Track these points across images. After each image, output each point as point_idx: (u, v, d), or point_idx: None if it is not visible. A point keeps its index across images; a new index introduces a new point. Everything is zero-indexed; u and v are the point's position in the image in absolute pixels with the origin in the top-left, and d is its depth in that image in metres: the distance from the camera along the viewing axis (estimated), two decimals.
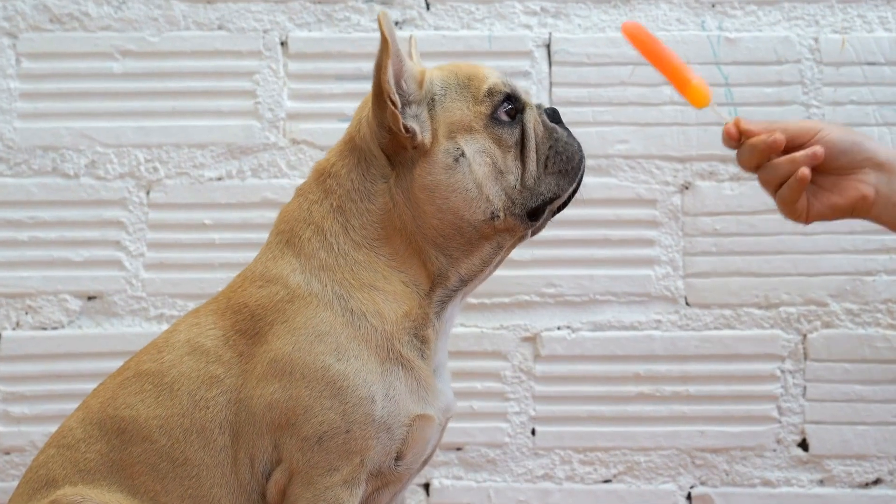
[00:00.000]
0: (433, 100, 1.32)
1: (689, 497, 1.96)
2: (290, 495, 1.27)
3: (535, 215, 1.33)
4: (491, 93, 1.33)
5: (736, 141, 1.42)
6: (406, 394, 1.29)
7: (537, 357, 1.97)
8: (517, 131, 1.33)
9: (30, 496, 1.32)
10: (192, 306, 1.83)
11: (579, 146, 1.36)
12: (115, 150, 2.00)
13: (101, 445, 1.31)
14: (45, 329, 1.98)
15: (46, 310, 1.98)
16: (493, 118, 1.32)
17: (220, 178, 2.00)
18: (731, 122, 1.42)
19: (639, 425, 1.96)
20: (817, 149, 1.38)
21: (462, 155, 1.30)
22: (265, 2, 2.03)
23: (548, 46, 2.02)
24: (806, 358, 1.96)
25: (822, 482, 1.95)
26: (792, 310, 1.97)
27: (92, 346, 1.97)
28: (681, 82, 1.43)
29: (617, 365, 1.97)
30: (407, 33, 2.01)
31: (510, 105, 1.33)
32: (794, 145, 1.40)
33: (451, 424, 1.45)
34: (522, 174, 1.32)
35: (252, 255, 1.40)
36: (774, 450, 1.96)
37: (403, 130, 1.29)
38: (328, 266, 1.31)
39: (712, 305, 1.98)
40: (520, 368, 1.97)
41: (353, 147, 1.35)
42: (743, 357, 1.96)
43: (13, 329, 1.98)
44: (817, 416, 1.95)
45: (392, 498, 1.37)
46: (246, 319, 1.31)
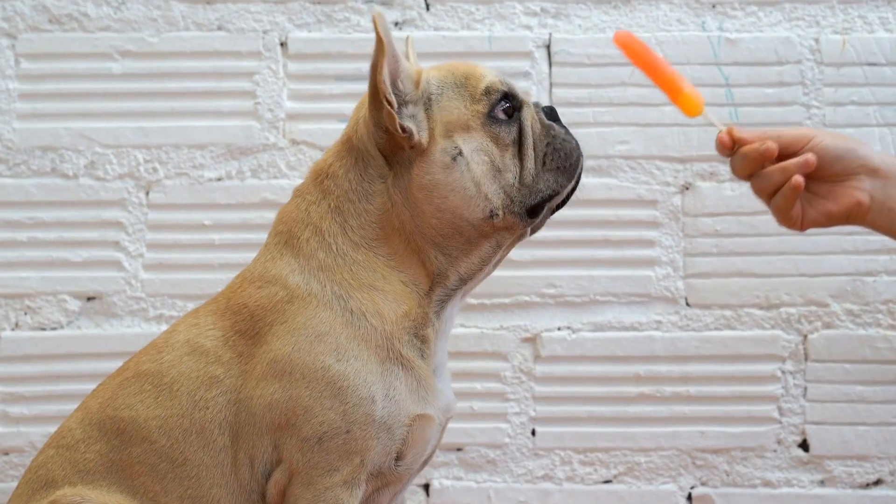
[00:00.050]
0: (430, 99, 1.32)
1: (689, 498, 1.96)
2: (289, 496, 1.27)
3: (534, 212, 1.33)
4: (488, 91, 1.32)
5: (729, 149, 1.42)
6: (406, 394, 1.29)
7: (537, 358, 1.97)
8: (514, 129, 1.33)
9: (29, 496, 1.32)
10: (191, 307, 1.83)
11: (577, 143, 1.36)
12: (114, 151, 2.00)
13: (101, 446, 1.31)
14: (44, 329, 1.98)
15: (45, 310, 1.98)
16: (491, 116, 1.32)
17: (219, 179, 2.00)
18: (725, 130, 1.42)
19: (639, 426, 1.96)
20: (809, 156, 1.38)
21: (460, 154, 1.30)
22: (265, 2, 2.02)
23: (548, 47, 2.02)
24: (807, 358, 1.96)
25: (822, 483, 1.95)
26: (792, 310, 1.96)
27: (91, 346, 1.97)
28: (673, 91, 1.43)
29: (617, 365, 1.97)
30: (407, 34, 2.00)
31: (507, 103, 1.33)
32: (788, 153, 1.40)
33: (451, 425, 1.44)
34: (521, 172, 1.32)
35: (252, 256, 1.39)
36: (775, 450, 1.95)
37: (400, 130, 1.29)
38: (327, 266, 1.31)
39: (713, 306, 1.97)
40: (520, 369, 1.97)
41: (350, 147, 1.35)
42: (743, 358, 1.96)
43: (12, 329, 1.97)
44: (818, 416, 1.95)
45: (392, 498, 1.37)
46: (245, 320, 1.31)
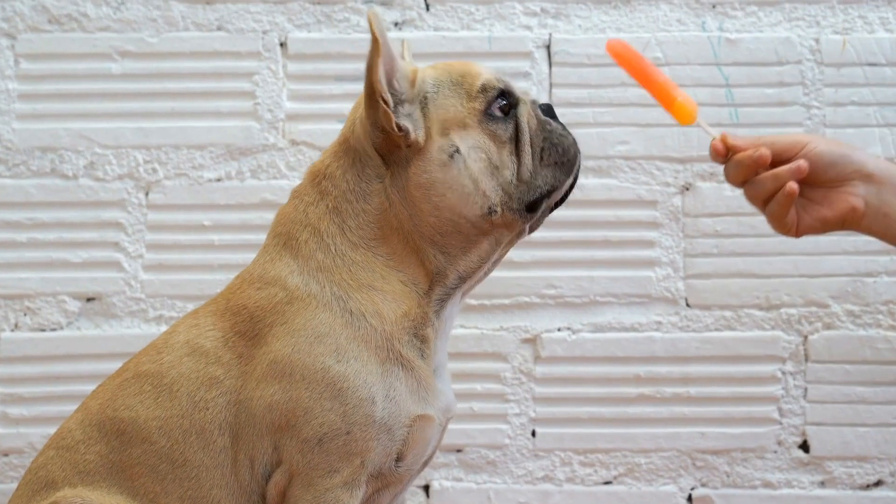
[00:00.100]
0: (426, 98, 1.32)
1: (689, 499, 1.95)
2: (290, 497, 1.26)
3: (533, 208, 1.33)
4: (484, 89, 1.32)
5: (723, 156, 1.41)
6: (406, 394, 1.29)
7: (537, 358, 1.97)
8: (511, 126, 1.33)
9: (29, 498, 1.32)
10: (191, 308, 1.83)
11: (574, 140, 1.36)
12: (113, 152, 2.00)
13: (101, 447, 1.31)
14: (43, 330, 1.98)
15: (45, 311, 1.97)
16: (487, 114, 1.32)
17: (219, 180, 2.00)
18: (718, 137, 1.42)
19: (639, 427, 1.96)
20: (801, 163, 1.37)
21: (457, 151, 1.30)
22: (264, 3, 2.02)
23: (548, 47, 2.01)
24: (807, 359, 1.96)
25: (822, 484, 1.95)
26: (793, 311, 1.96)
27: (91, 347, 1.97)
28: (666, 100, 1.43)
29: (617, 366, 1.97)
30: (407, 34, 2.00)
31: (504, 101, 1.33)
32: (781, 159, 1.39)
33: (451, 426, 1.44)
34: (518, 168, 1.32)
35: (251, 257, 1.39)
36: (775, 451, 1.95)
37: (396, 129, 1.28)
38: (326, 267, 1.31)
39: (713, 307, 1.97)
40: (520, 370, 1.97)
41: (347, 148, 1.35)
42: (744, 358, 1.96)
43: (12, 330, 1.97)
44: (818, 417, 1.95)
45: (392, 499, 1.36)
46: (245, 321, 1.31)
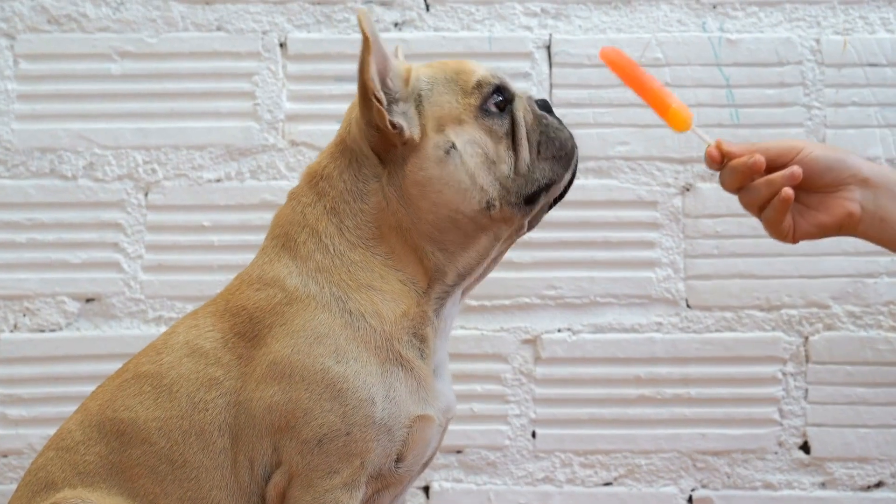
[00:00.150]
0: (420, 95, 1.32)
1: (690, 500, 1.95)
2: (289, 498, 1.26)
3: (532, 201, 1.32)
4: (480, 85, 1.32)
5: (718, 163, 1.41)
6: (406, 395, 1.28)
7: (538, 359, 1.97)
8: (507, 121, 1.32)
9: (29, 499, 1.31)
10: (190, 308, 1.82)
11: (571, 134, 1.35)
12: (113, 152, 2.00)
13: (101, 448, 1.31)
14: (42, 331, 1.97)
15: (44, 312, 1.97)
16: (483, 109, 1.32)
17: (218, 180, 2.00)
18: (713, 144, 1.41)
19: (640, 428, 1.96)
20: (795, 169, 1.37)
21: (453, 147, 1.29)
22: (264, 3, 2.02)
23: (548, 48, 2.01)
24: (807, 360, 1.95)
25: (823, 485, 1.95)
26: (793, 312, 1.96)
27: (90, 348, 1.96)
28: (661, 107, 1.42)
29: (618, 367, 1.96)
30: (407, 35, 2.00)
31: (500, 97, 1.33)
32: (776, 165, 1.39)
33: (451, 427, 1.44)
34: (516, 162, 1.31)
35: (251, 258, 1.39)
36: (776, 452, 1.95)
37: (390, 127, 1.28)
38: (325, 268, 1.30)
39: (713, 308, 1.97)
40: (520, 371, 1.97)
41: (343, 149, 1.35)
42: (744, 359, 1.96)
43: (11, 331, 1.97)
44: (819, 418, 1.95)
45: (393, 500, 1.36)
46: (244, 322, 1.31)
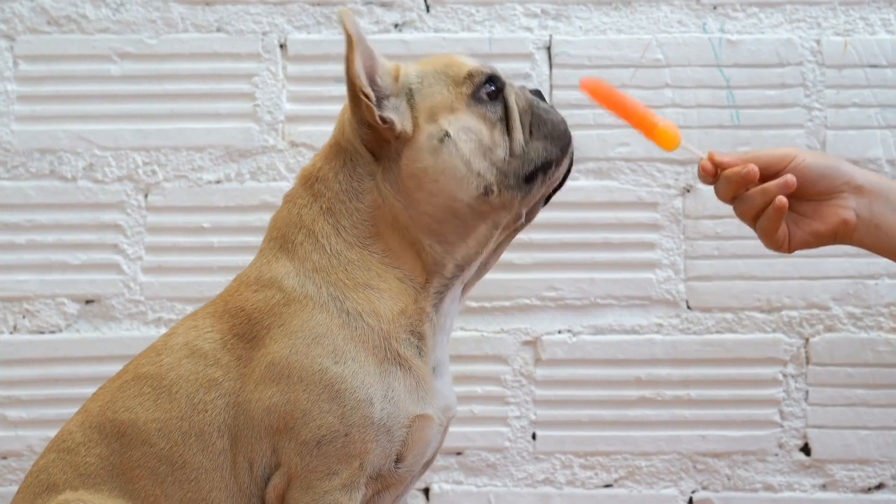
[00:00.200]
0: (411, 90, 1.32)
1: (690, 502, 1.95)
2: (288, 499, 1.26)
3: (530, 180, 1.32)
4: (471, 74, 1.33)
5: (713, 176, 1.40)
6: (405, 394, 1.28)
7: (538, 361, 1.97)
8: (500, 107, 1.33)
9: (31, 501, 1.31)
10: (190, 310, 1.82)
11: (563, 118, 1.35)
12: (112, 153, 2.00)
13: (101, 449, 1.30)
14: (42, 333, 1.97)
15: (44, 313, 1.97)
16: (475, 97, 1.32)
17: (218, 181, 2.00)
18: (705, 157, 1.41)
19: (640, 429, 1.95)
20: (788, 177, 1.36)
21: (446, 135, 1.29)
22: (264, 4, 2.02)
23: (548, 49, 2.01)
24: (808, 362, 1.95)
25: (824, 487, 1.94)
26: (794, 313, 1.96)
27: (90, 349, 1.96)
28: (648, 128, 1.42)
29: (618, 369, 1.96)
30: (407, 36, 2.00)
31: (492, 86, 1.33)
32: (769, 174, 1.38)
33: (451, 429, 1.43)
34: (510, 145, 1.31)
35: (251, 259, 1.39)
36: (776, 454, 1.95)
37: (380, 122, 1.28)
38: (322, 268, 1.30)
39: (714, 309, 1.97)
40: (520, 372, 1.96)
41: (338, 150, 1.35)
42: (745, 361, 1.95)
43: (10, 333, 1.97)
44: (819, 420, 1.95)
45: (394, 501, 1.36)
46: (243, 323, 1.31)
